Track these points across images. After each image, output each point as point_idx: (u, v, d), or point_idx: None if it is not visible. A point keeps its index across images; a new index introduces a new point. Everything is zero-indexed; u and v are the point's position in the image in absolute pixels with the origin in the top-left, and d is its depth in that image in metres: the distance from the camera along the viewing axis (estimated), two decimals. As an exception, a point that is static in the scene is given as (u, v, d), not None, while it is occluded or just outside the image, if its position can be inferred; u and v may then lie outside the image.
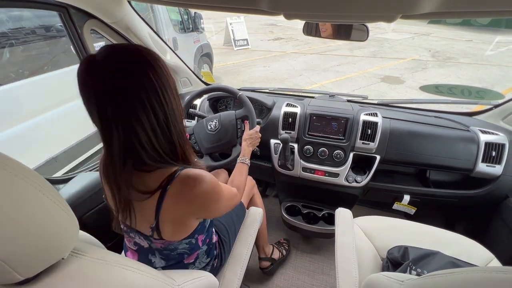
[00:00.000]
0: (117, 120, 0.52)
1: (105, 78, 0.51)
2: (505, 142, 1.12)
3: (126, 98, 0.51)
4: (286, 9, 0.57)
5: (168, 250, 0.69)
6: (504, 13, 0.53)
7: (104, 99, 0.51)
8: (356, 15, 0.56)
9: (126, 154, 0.56)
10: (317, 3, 0.52)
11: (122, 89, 0.51)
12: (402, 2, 0.49)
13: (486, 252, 0.95)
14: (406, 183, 1.36)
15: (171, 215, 0.60)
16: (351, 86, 5.20)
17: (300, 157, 1.33)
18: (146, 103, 0.53)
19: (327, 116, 1.28)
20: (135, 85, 0.52)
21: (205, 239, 0.77)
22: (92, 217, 1.12)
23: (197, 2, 0.73)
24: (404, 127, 1.25)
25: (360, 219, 1.08)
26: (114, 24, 1.05)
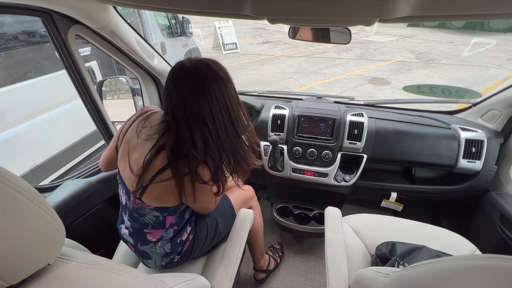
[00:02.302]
0: (195, 119, 0.68)
1: (194, 84, 0.67)
2: (484, 139, 1.18)
3: (206, 104, 0.67)
4: (270, 14, 0.59)
5: (137, 213, 0.77)
6: (478, 17, 0.56)
7: (190, 101, 0.67)
8: (337, 19, 0.58)
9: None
10: (300, 8, 0.54)
11: (204, 95, 0.67)
12: (378, 7, 0.51)
13: (470, 245, 0.98)
14: (393, 181, 1.40)
15: (166, 182, 0.69)
16: (339, 88, 5.30)
17: (290, 158, 1.35)
18: (218, 108, 0.69)
19: (314, 117, 1.31)
20: (213, 93, 0.68)
21: (174, 225, 0.81)
22: (80, 225, 1.10)
23: (180, 7, 0.74)
24: (389, 126, 1.29)
25: (349, 217, 1.10)
26: (100, 29, 1.04)
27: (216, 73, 0.71)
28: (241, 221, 0.95)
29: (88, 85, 1.14)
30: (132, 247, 0.85)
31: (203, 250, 0.94)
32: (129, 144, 0.77)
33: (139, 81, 1.50)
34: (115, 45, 1.17)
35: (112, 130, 1.34)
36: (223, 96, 0.71)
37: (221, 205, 1.04)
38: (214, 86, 0.69)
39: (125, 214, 0.83)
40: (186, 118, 0.68)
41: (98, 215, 1.17)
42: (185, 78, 0.69)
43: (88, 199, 1.11)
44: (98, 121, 1.25)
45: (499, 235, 1.06)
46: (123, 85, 1.71)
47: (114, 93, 1.77)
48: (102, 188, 1.18)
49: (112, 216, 1.28)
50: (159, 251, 0.82)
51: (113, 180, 1.25)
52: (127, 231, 0.83)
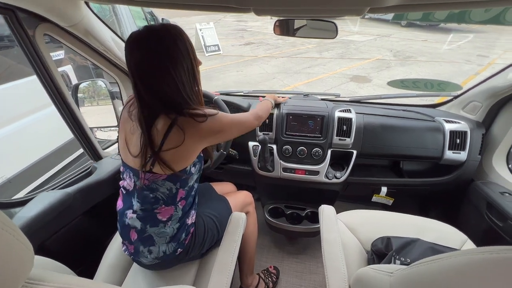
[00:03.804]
0: (143, 81, 0.71)
1: (143, 47, 0.69)
2: (467, 130, 1.20)
3: (163, 60, 0.69)
4: (255, 5, 0.55)
5: (149, 189, 0.78)
6: (466, 5, 0.56)
7: (140, 64, 0.70)
8: (326, 9, 0.56)
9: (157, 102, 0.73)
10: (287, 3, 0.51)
11: (154, 56, 0.69)
12: None
13: (461, 234, 1.00)
14: (382, 175, 1.40)
15: (176, 139, 0.73)
16: (322, 87, 5.37)
17: (280, 157, 1.32)
18: (176, 63, 0.71)
19: (303, 115, 1.29)
20: (149, 60, 0.69)
21: (183, 199, 0.83)
22: (58, 240, 1.01)
23: (161, 1, 0.70)
24: (377, 121, 1.30)
25: (343, 214, 1.09)
26: (71, 28, 0.96)
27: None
28: (234, 226, 0.91)
29: (62, 89, 1.06)
30: (136, 235, 0.83)
31: (200, 250, 0.92)
32: (126, 129, 0.82)
33: (118, 83, 1.42)
34: (89, 45, 1.09)
35: (91, 137, 1.26)
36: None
37: (218, 205, 1.03)
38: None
39: (133, 198, 0.82)
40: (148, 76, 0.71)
41: (78, 228, 1.08)
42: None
43: (66, 211, 1.03)
44: (74, 128, 1.17)
45: (487, 223, 1.09)
46: (101, 89, 1.62)
47: (91, 98, 1.67)
48: (82, 198, 1.09)
49: (94, 228, 1.20)
50: (168, 231, 0.82)
51: (95, 189, 1.17)
52: (134, 215, 0.82)
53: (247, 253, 1.15)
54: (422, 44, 8.96)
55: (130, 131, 0.80)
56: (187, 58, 0.73)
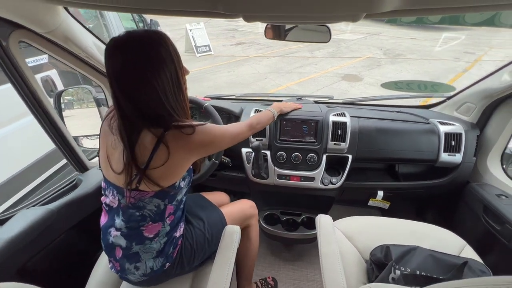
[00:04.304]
0: (123, 92, 0.66)
1: (123, 54, 0.64)
2: (462, 131, 1.19)
3: (143, 68, 0.64)
4: (245, 11, 0.51)
5: (135, 207, 0.74)
6: (462, 10, 0.54)
7: (119, 72, 0.64)
8: (320, 16, 0.53)
9: (139, 115, 0.68)
10: (279, 4, 0.48)
11: (134, 64, 0.64)
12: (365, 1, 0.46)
13: (459, 239, 0.98)
14: (378, 179, 1.39)
15: (164, 156, 0.68)
16: (315, 86, 5.37)
17: (274, 164, 1.28)
18: (159, 72, 0.66)
19: (297, 119, 1.26)
20: (151, 58, 0.65)
21: (171, 215, 0.79)
22: (41, 261, 0.95)
23: (145, 7, 0.65)
24: (371, 124, 1.28)
25: (340, 222, 1.06)
26: (49, 34, 0.90)
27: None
28: (227, 240, 0.87)
29: (40, 98, 0.99)
30: (121, 252, 0.78)
31: (190, 263, 0.87)
32: (107, 143, 0.76)
33: (103, 90, 1.35)
34: (70, 51, 1.03)
35: (75, 148, 1.19)
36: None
37: (210, 216, 0.98)
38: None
39: (117, 215, 0.78)
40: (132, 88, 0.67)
41: (62, 247, 1.02)
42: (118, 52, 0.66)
43: (48, 229, 0.96)
44: (56, 138, 1.10)
45: (484, 226, 1.08)
46: (86, 96, 1.55)
47: (76, 105, 1.60)
48: (66, 214, 1.03)
49: (80, 245, 1.14)
50: (155, 246, 0.78)
51: (81, 203, 1.11)
52: (118, 233, 0.77)
53: (246, 266, 1.11)
54: (411, 42, 9.08)
55: (111, 145, 0.74)
56: (171, 65, 0.68)
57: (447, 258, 0.87)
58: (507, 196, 1.07)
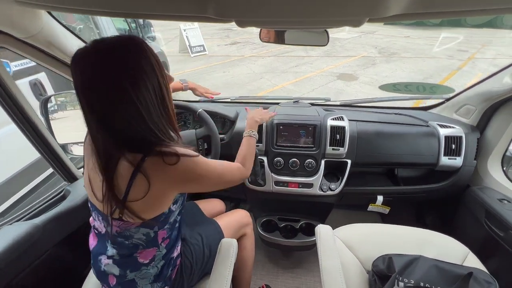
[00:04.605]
0: (94, 115, 0.56)
1: (79, 70, 0.56)
2: (462, 135, 1.17)
3: (121, 80, 0.55)
4: (238, 16, 0.47)
5: (122, 237, 0.66)
6: (469, 13, 0.50)
7: (79, 93, 0.56)
8: (320, 20, 0.49)
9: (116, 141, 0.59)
10: (275, 9, 0.44)
11: (107, 78, 0.54)
12: (368, 5, 0.42)
13: (461, 246, 0.96)
14: (377, 183, 1.36)
15: (144, 187, 0.59)
16: (310, 86, 5.34)
17: (271, 170, 1.24)
18: (139, 84, 0.56)
19: (294, 124, 1.22)
20: (101, 82, 0.54)
21: (166, 239, 0.72)
22: (26, 279, 0.89)
23: (133, 11, 0.60)
24: (370, 128, 1.25)
25: (341, 230, 1.03)
26: (30, 39, 0.84)
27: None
28: (224, 254, 0.83)
29: (22, 105, 0.93)
30: (115, 280, 0.71)
31: (189, 283, 0.82)
32: (89, 165, 0.67)
33: (91, 96, 1.29)
34: (54, 56, 0.97)
35: (62, 156, 1.14)
36: None
37: (207, 229, 0.93)
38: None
39: (107, 242, 0.70)
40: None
41: (49, 263, 0.97)
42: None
43: (34, 245, 0.91)
44: (41, 147, 1.04)
45: (486, 232, 1.06)
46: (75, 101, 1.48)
47: (69, 107, 1.53)
48: (53, 228, 0.98)
49: (69, 260, 1.08)
50: (152, 271, 0.71)
51: (69, 216, 1.05)
52: (110, 261, 0.70)
53: (243, 278, 1.07)
54: (405, 40, 9.13)
55: (92, 169, 0.65)
56: (152, 76, 0.58)
57: (451, 269, 0.84)
58: (509, 201, 1.05)
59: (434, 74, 5.83)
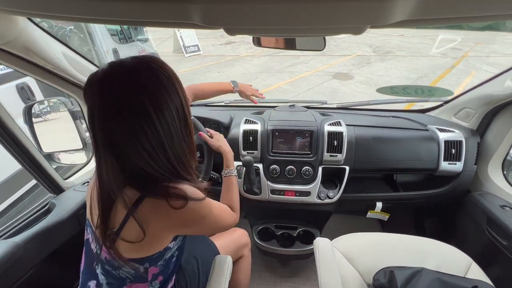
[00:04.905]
0: (106, 144, 0.52)
1: (97, 96, 0.51)
2: (462, 139, 1.14)
3: (112, 119, 0.51)
4: (226, 24, 0.43)
5: (110, 266, 0.61)
6: (479, 19, 0.47)
7: (95, 121, 0.52)
8: (317, 28, 0.44)
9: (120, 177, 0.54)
10: (267, 16, 0.39)
11: (107, 110, 0.51)
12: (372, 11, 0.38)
13: (464, 256, 0.93)
14: (376, 189, 1.32)
15: (136, 231, 0.54)
16: (306, 85, 5.32)
17: (267, 178, 1.20)
18: (136, 126, 0.51)
19: (290, 130, 1.18)
20: (120, 107, 0.50)
21: (159, 275, 0.64)
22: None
23: (114, 18, 0.55)
24: (368, 133, 1.21)
25: (340, 241, 0.99)
26: (5, 45, 0.78)
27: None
28: (217, 273, 0.78)
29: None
30: None
31: None
32: (93, 193, 0.61)
33: (78, 103, 1.23)
34: (34, 63, 0.91)
35: (45, 166, 1.07)
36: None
37: (204, 254, 0.87)
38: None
39: (97, 265, 0.63)
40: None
41: (32, 283, 0.91)
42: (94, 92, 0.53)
43: (15, 265, 0.85)
44: (21, 157, 0.98)
45: (489, 240, 1.03)
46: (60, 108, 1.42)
47: (62, 108, 1.46)
48: (35, 246, 0.92)
49: (55, 279, 1.03)
50: None
51: (54, 231, 0.98)
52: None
53: None
54: (400, 39, 9.17)
55: (94, 195, 0.60)
56: (175, 97, 0.54)
57: (455, 282, 0.81)
58: (511, 208, 1.03)
59: (429, 73, 5.84)
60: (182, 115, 0.56)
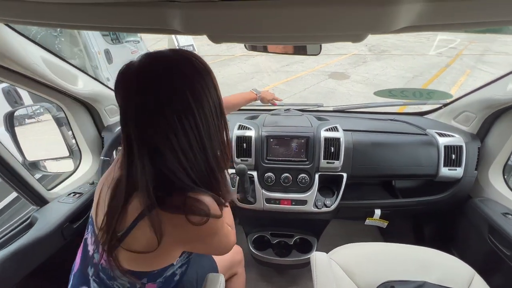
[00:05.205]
0: (141, 142, 0.48)
1: (133, 90, 0.48)
2: (462, 144, 1.11)
3: (151, 115, 0.47)
4: (209, 31, 0.38)
5: (105, 274, 0.56)
6: (484, 24, 0.43)
7: (130, 117, 0.48)
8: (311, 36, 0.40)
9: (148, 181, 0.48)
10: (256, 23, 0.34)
11: (145, 105, 0.47)
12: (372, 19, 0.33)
13: (466, 267, 0.89)
14: (374, 195, 1.29)
15: (145, 239, 0.49)
16: (302, 85, 5.28)
17: (262, 186, 1.15)
18: (176, 122, 0.47)
19: (285, 136, 1.13)
20: (160, 101, 0.47)
21: None
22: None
23: (92, 23, 0.50)
24: (366, 139, 1.17)
25: (338, 252, 0.95)
26: (-24, 51, 0.73)
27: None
28: (209, 293, 0.74)
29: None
30: None
31: None
32: (102, 191, 0.57)
33: (62, 109, 1.17)
34: (10, 70, 0.85)
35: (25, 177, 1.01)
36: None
37: (203, 270, 0.83)
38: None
39: (90, 270, 0.58)
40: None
41: None
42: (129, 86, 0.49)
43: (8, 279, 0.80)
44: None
45: (491, 250, 0.99)
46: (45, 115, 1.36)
47: (33, 126, 1.41)
48: (13, 265, 0.86)
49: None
50: None
51: (36, 248, 0.92)
52: None
53: None
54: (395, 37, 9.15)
55: (103, 196, 0.56)
56: (214, 93, 0.52)
57: (458, 296, 0.77)
58: (514, 215, 0.99)
59: (424, 72, 5.84)
60: (219, 111, 0.54)
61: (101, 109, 1.27)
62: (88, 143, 1.27)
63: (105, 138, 1.28)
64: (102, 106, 1.26)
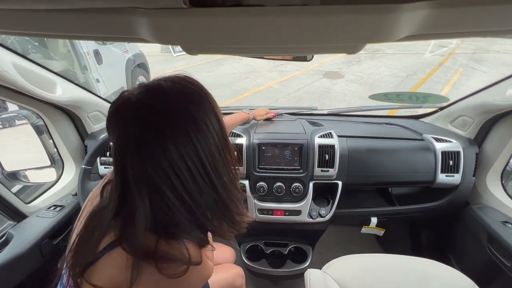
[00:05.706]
0: (138, 182, 0.43)
1: (130, 126, 0.43)
2: (460, 149, 1.08)
3: (154, 152, 0.42)
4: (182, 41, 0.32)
5: None
6: (487, 33, 0.39)
7: (127, 155, 0.43)
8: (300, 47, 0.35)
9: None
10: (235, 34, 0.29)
11: (144, 140, 0.42)
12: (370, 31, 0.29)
13: (466, 280, 0.86)
14: (370, 203, 1.25)
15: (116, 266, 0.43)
16: (296, 85, 5.24)
17: (254, 196, 1.10)
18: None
19: (278, 144, 1.08)
20: (162, 137, 0.42)
21: None
22: None
23: (59, 32, 0.45)
24: (362, 144, 1.13)
25: (333, 266, 0.91)
26: None
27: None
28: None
29: None
30: None
31: None
32: (87, 206, 0.55)
33: (41, 117, 1.10)
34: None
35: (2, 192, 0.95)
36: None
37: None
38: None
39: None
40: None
41: None
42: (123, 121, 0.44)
43: None
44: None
45: (489, 258, 0.97)
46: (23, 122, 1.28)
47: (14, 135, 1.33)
48: None
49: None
50: None
51: (10, 269, 0.85)
52: None
53: None
54: (389, 36, 9.17)
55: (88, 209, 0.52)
56: (213, 117, 0.47)
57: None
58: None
59: (418, 71, 5.86)
60: (222, 137, 0.48)
61: (84, 116, 1.20)
62: (70, 151, 1.20)
63: (89, 146, 1.21)
64: (84, 113, 1.19)
